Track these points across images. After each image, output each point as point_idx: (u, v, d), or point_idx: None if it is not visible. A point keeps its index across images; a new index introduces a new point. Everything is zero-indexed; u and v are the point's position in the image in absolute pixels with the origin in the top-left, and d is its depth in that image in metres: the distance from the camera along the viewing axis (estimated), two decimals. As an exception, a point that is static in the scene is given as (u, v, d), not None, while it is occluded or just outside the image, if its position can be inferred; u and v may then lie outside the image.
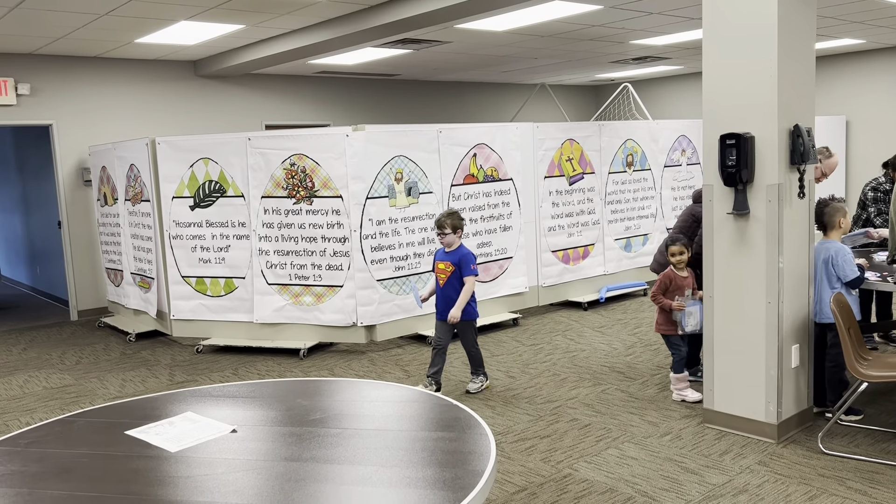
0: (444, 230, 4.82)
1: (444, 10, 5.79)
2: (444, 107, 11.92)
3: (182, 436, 2.35)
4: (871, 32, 8.73)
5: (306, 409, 2.62)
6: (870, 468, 3.60)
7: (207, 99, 9.23)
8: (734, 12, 3.85)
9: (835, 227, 4.25)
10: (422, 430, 2.36)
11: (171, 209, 6.62)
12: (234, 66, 8.27)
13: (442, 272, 4.89)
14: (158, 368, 6.07)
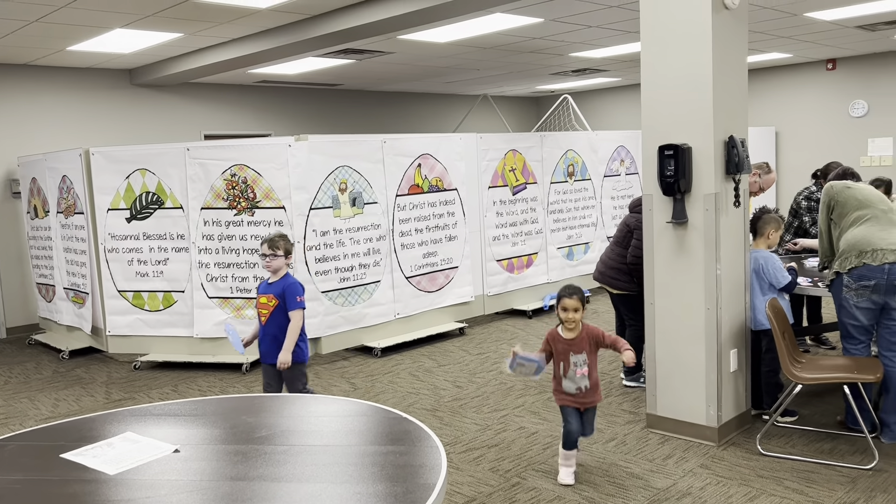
0: (276, 251, 4.07)
1: (385, 22, 5.79)
2: (388, 117, 11.91)
3: (121, 457, 2.26)
4: (797, 47, 9.11)
5: (251, 426, 2.56)
6: (805, 468, 3.72)
7: (144, 108, 8.99)
8: (670, 28, 3.96)
9: (763, 237, 4.40)
10: (371, 445, 2.33)
11: (107, 222, 6.41)
12: (171, 74, 8.09)
13: (264, 307, 4.12)
14: (94, 387, 5.86)
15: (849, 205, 4.01)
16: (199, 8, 5.72)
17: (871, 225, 3.90)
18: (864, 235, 3.88)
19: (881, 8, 6.77)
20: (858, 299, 3.87)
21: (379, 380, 5.66)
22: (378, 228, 6.45)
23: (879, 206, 3.95)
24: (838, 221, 4.05)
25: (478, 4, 5.28)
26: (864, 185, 4.19)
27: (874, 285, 3.79)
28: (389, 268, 6.55)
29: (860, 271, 3.82)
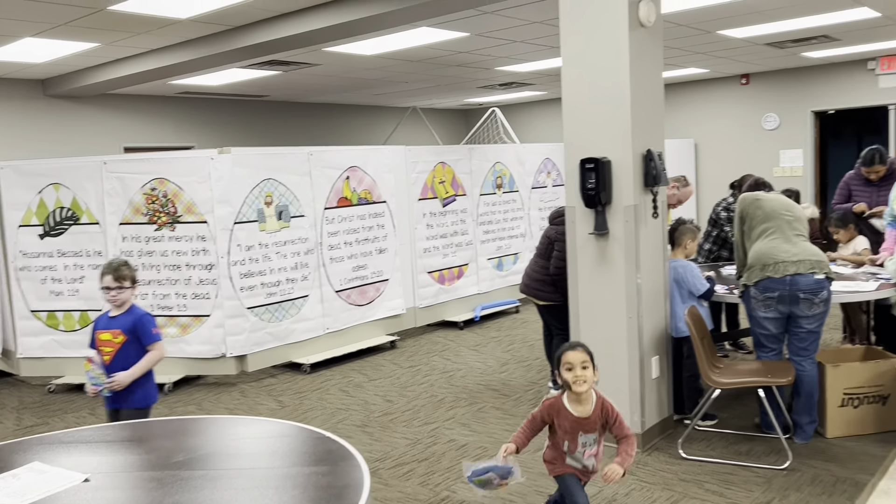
0: (122, 283, 3.59)
1: (309, 34, 5.74)
2: (316, 129, 11.80)
3: (27, 489, 2.15)
4: (713, 63, 9.49)
5: (168, 450, 2.47)
6: (725, 470, 3.85)
7: (59, 120, 8.64)
8: (588, 45, 4.06)
9: (681, 246, 4.56)
10: (293, 467, 2.28)
11: (18, 239, 6.12)
12: (88, 85, 7.81)
13: (108, 344, 3.60)
14: (3, 412, 5.56)
15: (756, 218, 4.19)
16: (114, 18, 5.54)
17: (774, 238, 4.08)
18: (767, 249, 4.05)
19: (788, 27, 7.12)
20: (766, 310, 4.05)
21: (308, 397, 5.57)
22: (306, 242, 6.36)
23: (784, 218, 4.13)
24: (748, 234, 4.24)
25: (402, 19, 5.30)
26: (773, 195, 4.38)
27: (778, 296, 3.97)
28: (318, 282, 6.47)
29: (765, 284, 4.00)
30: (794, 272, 3.91)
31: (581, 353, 2.82)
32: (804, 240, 4.10)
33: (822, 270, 3.93)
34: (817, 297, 3.92)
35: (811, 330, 4.01)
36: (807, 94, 10.46)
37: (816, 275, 3.91)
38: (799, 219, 4.17)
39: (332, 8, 5.46)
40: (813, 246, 4.08)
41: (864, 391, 4.15)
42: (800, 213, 4.23)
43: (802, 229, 4.15)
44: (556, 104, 13.14)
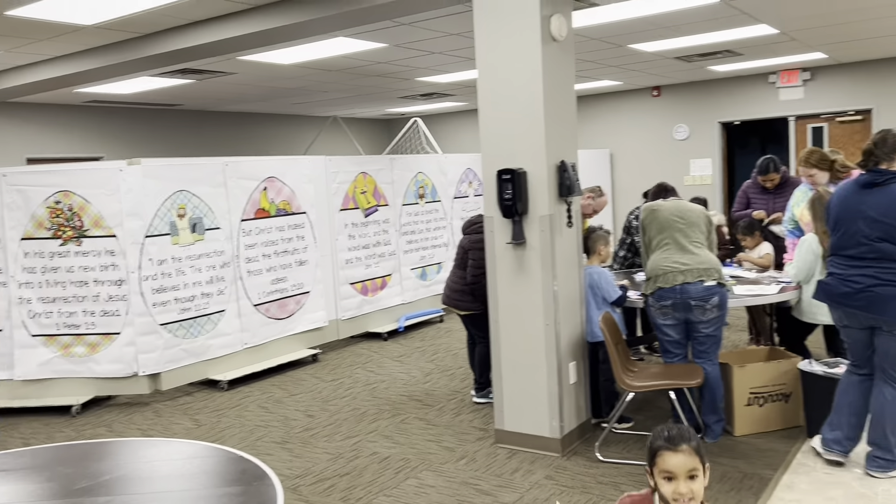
0: None
1: (223, 43, 5.62)
2: (232, 139, 11.55)
3: None
4: (626, 75, 9.81)
5: (70, 477, 2.36)
6: (640, 471, 3.95)
7: (-47, 129, 8.16)
8: (503, 59, 4.13)
9: (595, 253, 4.68)
10: (206, 489, 2.22)
11: None
12: (-15, 93, 7.41)
13: None
14: None
15: (652, 229, 4.35)
16: (13, 23, 5.28)
17: (667, 249, 4.24)
18: (659, 260, 4.23)
19: (694, 42, 7.44)
20: (664, 318, 4.23)
21: (225, 415, 5.42)
22: (221, 255, 6.20)
23: (677, 226, 4.25)
24: (648, 244, 4.40)
25: (318, 28, 5.26)
26: (669, 204, 4.41)
27: (672, 304, 4.15)
28: (235, 296, 6.31)
29: (659, 293, 4.18)
30: (683, 281, 4.09)
31: (689, 456, 1.97)
32: (698, 246, 4.23)
33: (710, 277, 4.10)
34: (708, 304, 4.10)
35: (709, 334, 4.18)
36: (714, 105, 10.94)
37: (705, 282, 4.09)
38: (693, 224, 4.26)
39: (247, 16, 5.36)
40: (705, 253, 4.21)
41: (768, 390, 4.35)
42: (695, 218, 4.30)
43: (697, 235, 4.26)
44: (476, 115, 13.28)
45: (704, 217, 4.37)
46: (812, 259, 4.49)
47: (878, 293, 3.49)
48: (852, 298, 3.58)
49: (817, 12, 6.28)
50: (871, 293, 3.51)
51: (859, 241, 3.57)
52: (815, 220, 4.50)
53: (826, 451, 3.85)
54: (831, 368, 4.16)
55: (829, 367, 4.19)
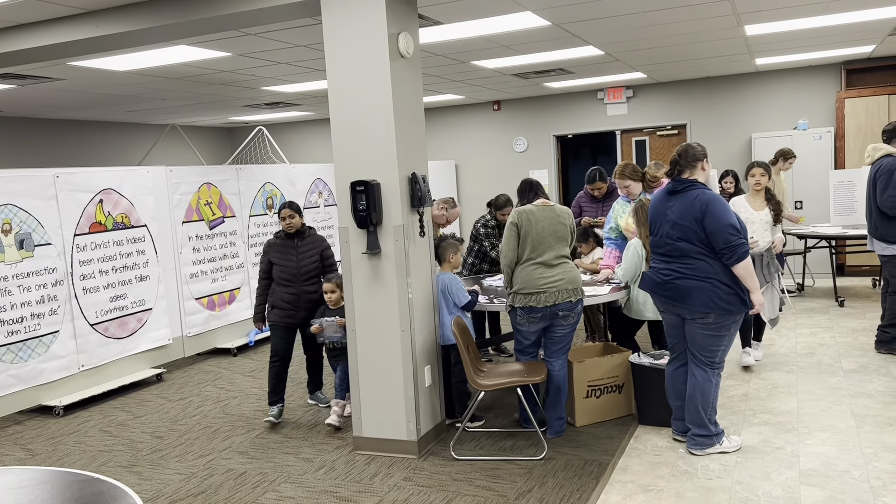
0: None
1: (51, 48, 5.25)
2: (61, 148, 10.75)
3: None
4: (468, 90, 10.22)
5: None
6: (492, 465, 4.18)
7: None
8: (353, 75, 4.23)
9: (446, 261, 4.88)
10: (56, 515, 2.13)
11: None
12: None
13: None
14: None
15: (527, 238, 4.41)
16: None
17: (538, 265, 4.39)
18: (531, 277, 4.37)
19: (530, 60, 7.92)
20: (529, 325, 4.48)
21: (62, 441, 5.08)
22: (53, 272, 5.80)
23: (548, 242, 4.42)
24: (521, 246, 4.43)
25: (158, 36, 5.08)
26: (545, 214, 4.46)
27: (541, 316, 4.43)
28: (70, 315, 5.92)
29: (529, 308, 4.40)
30: (554, 302, 4.36)
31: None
32: (565, 262, 4.46)
33: (576, 296, 4.43)
34: (573, 312, 4.44)
35: (564, 335, 4.51)
36: (549, 119, 11.64)
37: (573, 299, 4.41)
38: (563, 238, 4.47)
39: (79, 21, 5.07)
40: (572, 269, 4.46)
41: (603, 382, 4.74)
42: (565, 232, 4.46)
43: (565, 249, 4.49)
44: (325, 124, 13.25)
45: (570, 223, 4.50)
46: (637, 261, 4.96)
47: (679, 285, 4.00)
48: (662, 288, 4.09)
49: (635, 37, 6.92)
50: (674, 285, 4.03)
51: (665, 242, 4.06)
52: (639, 225, 4.97)
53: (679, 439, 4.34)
54: (657, 360, 4.62)
55: (654, 358, 4.65)
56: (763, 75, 10.25)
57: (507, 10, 5.47)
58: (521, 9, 5.48)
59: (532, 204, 4.52)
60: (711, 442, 4.13)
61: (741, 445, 4.21)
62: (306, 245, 5.20)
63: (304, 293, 5.16)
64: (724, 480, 3.79)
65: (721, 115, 10.55)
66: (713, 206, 3.90)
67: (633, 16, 5.99)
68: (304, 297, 5.15)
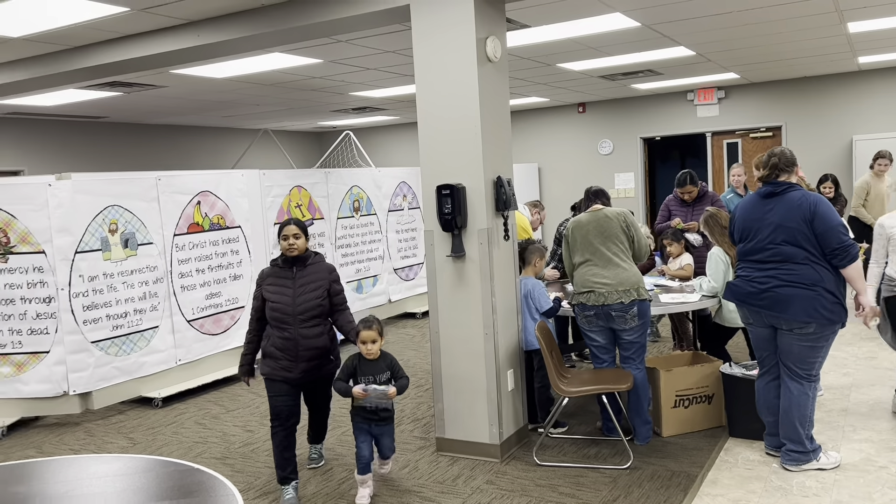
0: None
1: (155, 57, 5.56)
2: (160, 152, 11.32)
3: None
4: (553, 93, 10.15)
5: (21, 496, 2.34)
6: (576, 473, 4.13)
7: None
8: (441, 80, 4.27)
9: (530, 265, 4.87)
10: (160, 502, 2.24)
11: None
12: None
13: None
14: None
15: (576, 244, 4.53)
16: (-67, 32, 5.11)
17: (590, 265, 4.44)
18: (584, 276, 4.45)
19: (619, 62, 7.79)
20: (589, 325, 4.47)
21: (161, 432, 5.34)
22: (154, 270, 6.11)
23: (595, 244, 4.43)
24: (571, 257, 4.59)
25: (255, 44, 5.28)
26: (589, 218, 4.51)
27: (594, 314, 4.40)
28: (169, 312, 6.22)
29: (581, 305, 4.44)
30: (604, 302, 4.33)
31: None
32: (621, 259, 4.41)
33: (629, 297, 4.34)
34: (628, 314, 4.35)
35: (632, 340, 4.42)
36: (636, 122, 11.42)
37: (624, 300, 4.32)
38: (611, 237, 4.42)
39: (181, 31, 5.33)
40: (625, 269, 4.38)
41: (692, 392, 4.61)
42: (614, 230, 4.43)
43: (618, 247, 4.43)
44: (410, 128, 13.44)
45: (623, 224, 4.45)
46: (724, 268, 4.84)
47: (779, 293, 3.83)
48: (756, 297, 3.92)
49: (729, 37, 6.70)
50: (772, 293, 3.85)
51: (765, 247, 3.90)
52: (712, 234, 4.95)
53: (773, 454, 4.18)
54: (749, 371, 4.45)
55: (747, 369, 4.49)
56: (866, 74, 9.74)
57: (596, 11, 5.41)
58: (611, 10, 5.40)
59: (584, 212, 4.63)
60: (808, 458, 3.95)
61: (840, 462, 4.01)
62: (308, 276, 3.93)
63: (303, 338, 3.87)
64: (822, 499, 3.62)
65: (819, 116, 10.09)
66: (822, 207, 3.76)
67: (727, 15, 5.81)
68: (302, 343, 3.87)
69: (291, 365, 3.89)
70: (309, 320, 3.88)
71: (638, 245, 4.48)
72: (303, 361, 3.89)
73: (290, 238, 3.88)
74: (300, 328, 3.87)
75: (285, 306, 3.86)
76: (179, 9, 4.88)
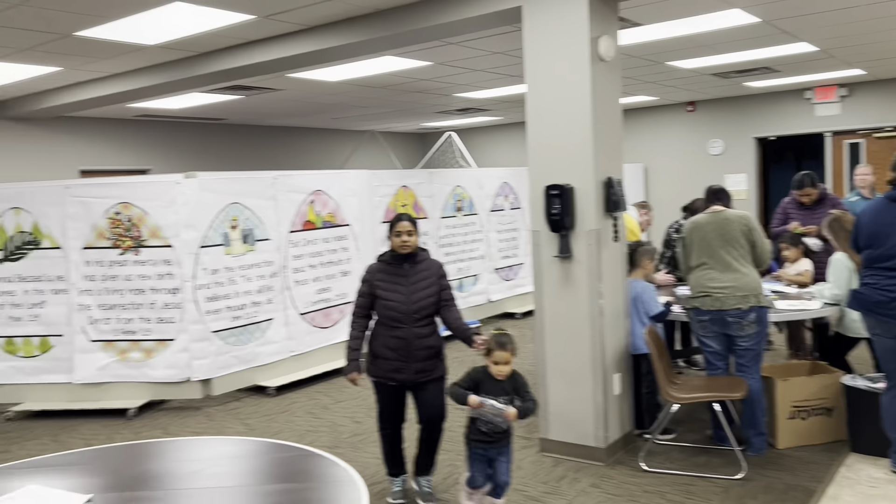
0: None
1: (275, 62, 5.84)
2: (272, 152, 11.82)
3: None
4: (661, 91, 9.91)
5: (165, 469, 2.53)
6: (684, 481, 4.04)
7: (14, 143, 8.51)
8: (552, 80, 4.28)
9: (640, 267, 4.79)
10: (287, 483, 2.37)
11: (-26, 263, 6.01)
12: (46, 108, 7.73)
13: None
14: (-40, 442, 5.43)
15: (693, 245, 4.41)
16: (80, 43, 5.56)
17: (706, 268, 4.32)
18: (700, 280, 4.34)
19: (732, 59, 7.53)
20: (703, 331, 4.37)
21: (275, 419, 5.60)
22: (271, 265, 6.41)
23: (716, 244, 4.30)
24: (688, 258, 4.47)
25: (370, 48, 5.45)
26: (708, 218, 4.42)
27: (710, 319, 4.29)
28: (283, 305, 6.51)
29: (696, 310, 4.34)
30: (720, 307, 4.21)
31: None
32: (741, 264, 4.26)
33: (747, 303, 4.19)
34: (745, 320, 4.20)
35: (747, 348, 4.27)
36: (749, 121, 10.97)
37: (742, 306, 4.18)
38: (732, 241, 4.28)
39: (300, 37, 5.58)
40: (745, 275, 4.24)
41: (811, 404, 4.41)
42: (734, 233, 4.30)
43: (738, 251, 4.28)
44: (511, 129, 13.45)
45: (744, 228, 4.31)
46: (847, 275, 4.59)
47: None
48: (886, 307, 3.70)
49: (856, 31, 6.34)
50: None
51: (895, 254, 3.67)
52: (837, 240, 4.69)
53: None
54: (874, 383, 4.22)
55: (872, 382, 4.25)
56: None
57: (713, 8, 5.26)
58: (729, 6, 5.24)
59: (704, 213, 4.49)
60: (940, 479, 3.71)
61: (978, 487, 3.74)
62: (420, 273, 3.78)
63: (416, 337, 3.74)
64: (957, 524, 3.39)
65: (956, 113, 9.37)
66: None
67: (855, 8, 5.51)
68: (415, 342, 3.73)
69: (403, 365, 3.72)
70: (423, 319, 3.75)
71: (760, 250, 4.31)
72: (416, 361, 3.73)
73: (402, 234, 3.71)
74: (413, 327, 3.71)
75: (400, 304, 3.70)
76: (300, 15, 5.10)
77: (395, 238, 3.74)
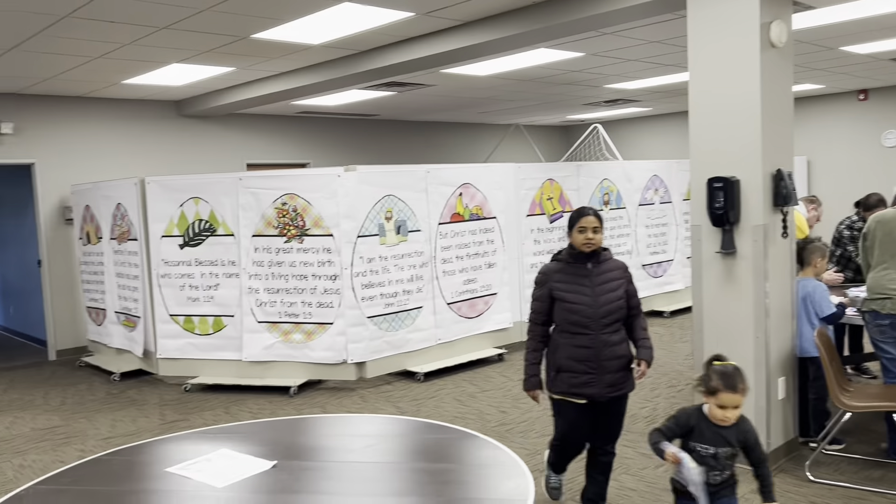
0: None
1: (431, 58, 6.00)
2: (422, 146, 12.14)
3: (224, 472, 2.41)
4: (830, 78, 9.22)
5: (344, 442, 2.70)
6: (856, 495, 3.78)
7: (189, 138, 9.29)
8: (718, 66, 4.11)
9: (810, 266, 4.50)
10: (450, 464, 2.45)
11: (160, 248, 6.64)
12: (218, 106, 8.38)
13: None
14: (148, 408, 6.03)
15: (875, 242, 4.14)
16: (255, 44, 5.98)
17: (887, 270, 4.04)
18: (881, 281, 4.05)
19: (916, 41, 6.88)
20: (881, 335, 4.03)
21: (424, 404, 5.78)
22: (421, 255, 6.61)
23: None
24: (869, 252, 4.20)
25: (525, 41, 5.47)
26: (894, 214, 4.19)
27: (889, 323, 3.98)
28: (431, 294, 6.70)
29: (873, 312, 4.04)
30: None
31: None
32: None
33: None
34: None
35: None
36: (932, 109, 9.98)
37: None
38: None
39: (455, 32, 5.69)
40: None
41: None
42: None
43: None
44: (660, 120, 13.01)
45: None
46: None
47: None
48: None
49: None
50: None
51: None
52: None
53: None
54: None
55: None
56: None
57: (899, -14, 4.84)
58: (917, -16, 4.80)
59: (891, 207, 4.24)
60: None
61: None
62: (605, 273, 3.36)
63: (605, 346, 3.29)
64: None
65: None
66: None
67: None
68: (605, 351, 3.29)
69: (594, 378, 3.27)
70: (612, 324, 3.30)
71: None
72: (607, 373, 3.27)
73: (587, 231, 3.27)
74: (601, 334, 3.26)
75: (586, 308, 3.27)
76: (457, 11, 5.21)
77: (577, 234, 3.31)
